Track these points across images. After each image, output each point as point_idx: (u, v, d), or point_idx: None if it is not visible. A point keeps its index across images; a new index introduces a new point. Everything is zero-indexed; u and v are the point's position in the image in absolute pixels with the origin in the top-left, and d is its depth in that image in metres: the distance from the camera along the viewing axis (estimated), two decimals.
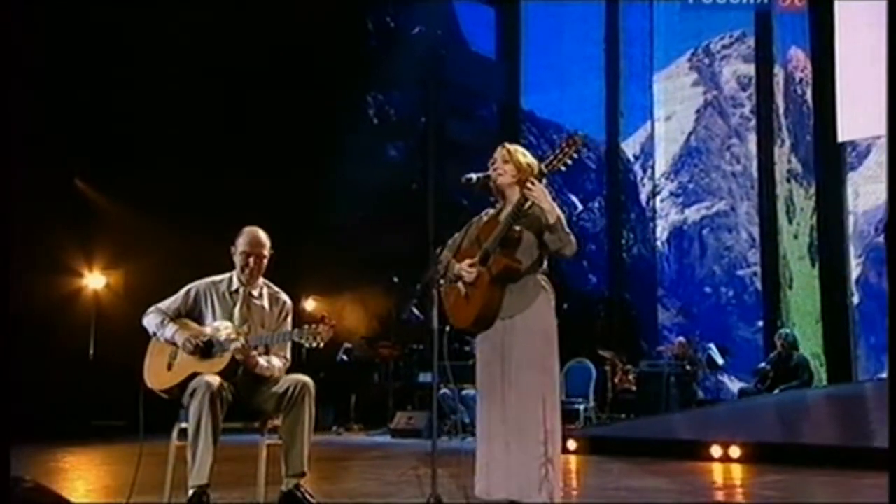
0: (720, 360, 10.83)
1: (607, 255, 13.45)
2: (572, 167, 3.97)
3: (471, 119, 14.02)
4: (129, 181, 10.55)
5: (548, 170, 3.90)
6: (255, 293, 4.36)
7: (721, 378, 11.64)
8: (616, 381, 10.97)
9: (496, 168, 4.02)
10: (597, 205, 13.55)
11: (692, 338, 11.12)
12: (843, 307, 11.18)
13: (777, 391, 9.63)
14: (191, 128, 10.79)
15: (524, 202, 3.86)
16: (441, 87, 13.53)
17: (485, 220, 4.10)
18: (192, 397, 3.96)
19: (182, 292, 4.34)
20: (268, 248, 4.36)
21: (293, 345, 4.28)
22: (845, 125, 11.09)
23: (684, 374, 10.33)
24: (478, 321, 3.95)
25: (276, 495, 4.14)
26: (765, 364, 10.16)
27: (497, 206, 4.11)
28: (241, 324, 4.23)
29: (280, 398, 4.13)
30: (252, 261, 4.29)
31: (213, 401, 3.91)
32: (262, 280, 4.40)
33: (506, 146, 4.06)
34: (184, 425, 4.02)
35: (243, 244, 4.32)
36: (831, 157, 11.44)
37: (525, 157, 4.02)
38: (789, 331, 10.39)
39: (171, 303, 4.31)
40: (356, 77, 13.03)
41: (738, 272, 12.29)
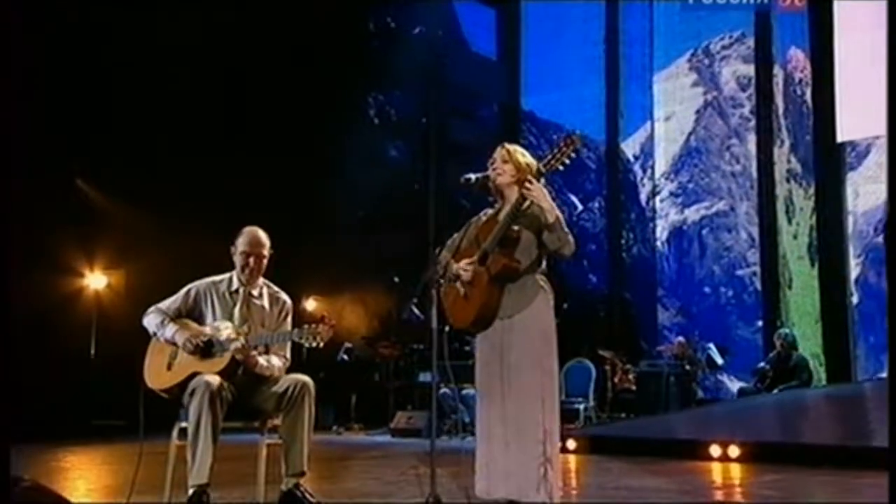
0: (719, 360, 10.84)
1: (607, 254, 13.44)
2: (572, 167, 3.98)
3: (471, 119, 14.00)
4: (130, 181, 10.55)
5: (546, 169, 3.90)
6: (255, 293, 4.37)
7: (720, 378, 11.64)
8: (616, 380, 10.99)
9: (495, 168, 4.01)
10: (597, 205, 13.54)
11: (692, 337, 11.14)
12: (843, 307, 11.18)
13: (776, 391, 9.64)
14: (191, 128, 10.79)
15: (523, 202, 3.86)
16: (442, 87, 13.52)
17: (483, 220, 4.09)
18: (191, 397, 3.96)
19: (182, 292, 4.35)
20: (268, 248, 4.37)
21: (293, 344, 4.29)
22: (844, 125, 11.10)
23: (684, 373, 10.34)
24: (477, 321, 3.95)
25: (276, 495, 4.14)
26: (764, 364, 10.18)
27: (496, 206, 4.10)
28: (241, 324, 4.23)
29: (280, 398, 4.14)
30: (252, 261, 4.30)
31: (212, 400, 3.92)
32: (261, 280, 4.41)
33: (505, 146, 4.06)
34: (184, 425, 4.03)
35: (243, 244, 4.32)
36: (831, 158, 11.44)
37: (524, 157, 4.02)
38: (788, 331, 10.41)
39: (171, 303, 4.31)
40: (357, 77, 13.02)
41: (738, 272, 12.29)
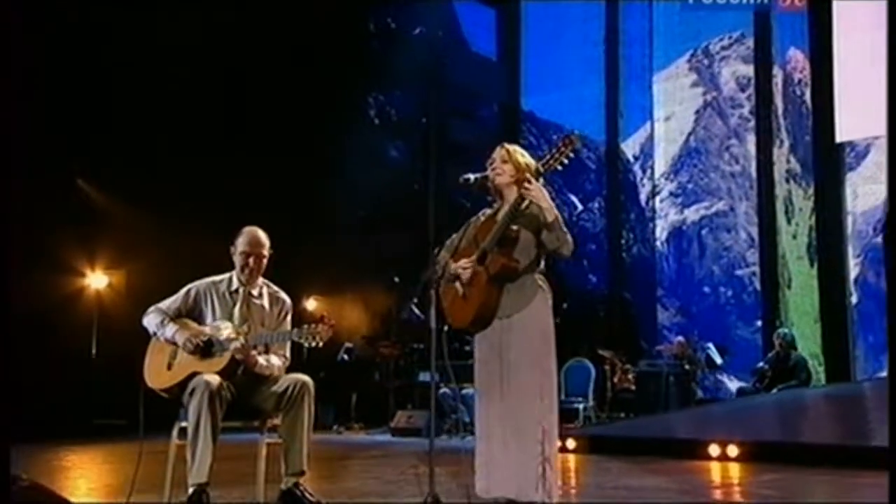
0: (719, 360, 10.84)
1: (607, 254, 13.44)
2: (572, 167, 3.99)
3: (471, 119, 14.00)
4: (130, 181, 10.57)
5: (545, 169, 3.91)
6: (255, 293, 4.38)
7: (720, 377, 11.64)
8: (615, 380, 10.99)
9: (495, 168, 4.02)
10: (596, 205, 13.54)
11: (691, 337, 11.13)
12: (842, 307, 11.18)
13: (775, 391, 9.65)
14: (191, 128, 10.80)
15: (522, 201, 3.87)
16: (442, 87, 13.53)
17: (482, 219, 4.09)
18: (191, 396, 3.97)
19: (182, 292, 4.36)
20: (267, 248, 4.38)
21: (293, 344, 4.30)
22: (843, 126, 11.10)
23: (683, 373, 10.34)
24: (476, 321, 3.95)
25: (276, 494, 4.15)
26: (763, 364, 10.18)
27: (494, 205, 4.11)
28: (241, 323, 4.24)
29: (279, 397, 4.15)
30: (252, 261, 4.31)
31: (212, 400, 3.93)
32: (261, 280, 4.42)
33: (504, 146, 4.06)
34: (184, 424, 4.04)
35: (243, 244, 4.33)
36: (830, 158, 11.43)
37: (523, 157, 4.02)
38: (787, 330, 10.42)
39: (171, 303, 4.32)
40: (357, 77, 13.02)
41: (737, 272, 12.29)
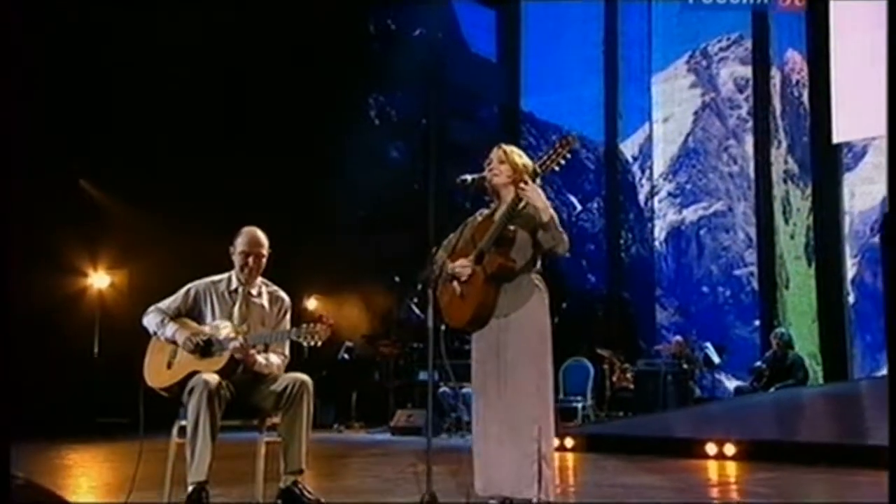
0: (717, 359, 10.85)
1: (606, 254, 13.40)
2: (572, 168, 4.03)
3: (471, 120, 13.98)
4: (130, 181, 10.61)
5: (542, 170, 3.93)
6: (254, 292, 4.40)
7: (718, 376, 11.64)
8: (614, 379, 11.01)
9: (492, 168, 4.04)
10: (595, 205, 13.51)
11: (689, 337, 11.15)
12: (839, 306, 11.16)
13: (772, 389, 9.69)
14: (191, 128, 10.84)
15: (519, 202, 3.89)
16: (442, 88, 13.54)
17: (479, 220, 4.12)
18: (190, 395, 3.99)
19: (182, 292, 4.38)
20: (266, 248, 4.40)
21: (293, 343, 4.32)
22: (841, 127, 11.09)
23: (681, 372, 10.35)
24: (473, 320, 3.98)
25: (275, 492, 4.17)
26: (760, 363, 10.22)
27: (491, 206, 4.13)
28: (241, 323, 4.27)
29: (279, 396, 4.17)
30: (251, 260, 4.33)
31: (210, 399, 3.96)
32: (260, 279, 4.44)
33: (501, 147, 4.08)
34: (183, 423, 4.06)
35: (242, 244, 4.36)
36: (827, 159, 11.41)
37: (521, 158, 4.05)
38: (785, 330, 10.46)
39: (170, 302, 4.34)
40: (358, 78, 13.04)
41: (735, 272, 12.28)
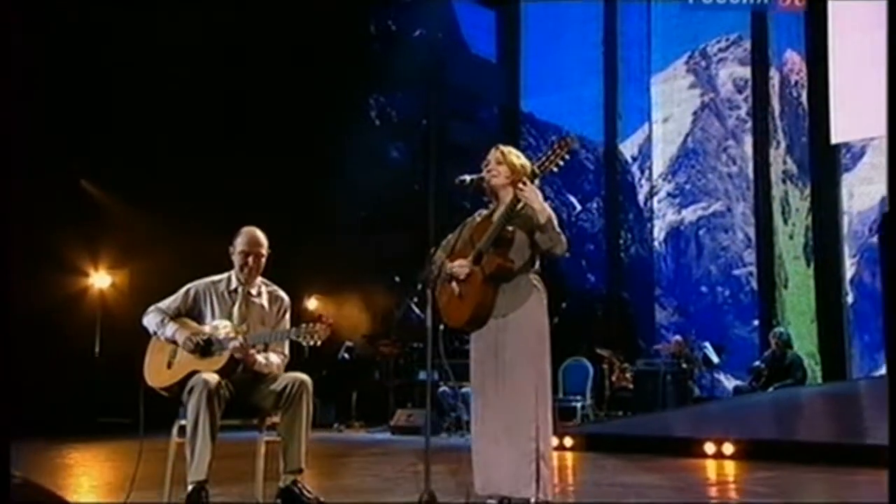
0: (716, 359, 10.86)
1: (605, 254, 13.40)
2: (571, 168, 4.04)
3: (471, 121, 13.99)
4: (130, 181, 10.63)
5: (540, 171, 3.94)
6: (254, 292, 4.42)
7: (717, 376, 11.62)
8: (613, 378, 11.01)
9: (490, 169, 4.06)
10: (595, 205, 13.49)
11: (688, 336, 11.14)
12: (838, 306, 11.16)
13: (771, 389, 9.70)
14: (191, 128, 10.86)
15: (517, 203, 3.91)
16: (442, 89, 13.56)
17: (478, 220, 4.13)
18: (190, 395, 4.01)
19: (181, 292, 4.39)
20: (265, 248, 4.41)
21: (293, 343, 4.33)
22: (839, 127, 11.10)
23: (680, 372, 10.36)
24: (471, 320, 4.00)
25: (274, 491, 4.19)
26: (759, 362, 10.24)
27: (490, 206, 4.15)
28: (240, 322, 4.29)
29: (278, 396, 4.19)
30: (251, 260, 4.35)
31: (210, 398, 3.97)
32: (260, 279, 4.46)
33: (499, 148, 4.10)
34: (183, 422, 4.07)
35: (241, 244, 4.37)
36: (826, 159, 11.41)
37: (518, 159, 4.07)
38: (783, 329, 10.46)
39: (170, 302, 4.36)
40: (358, 79, 13.06)
41: (734, 272, 12.28)
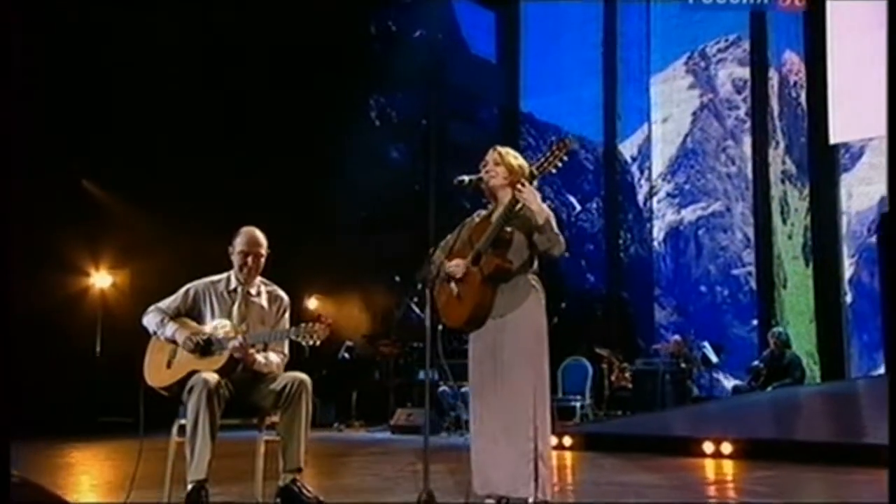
0: (714, 358, 10.87)
1: (605, 254, 13.41)
2: (571, 168, 4.05)
3: (471, 121, 14.00)
4: (130, 181, 10.65)
5: (538, 172, 3.95)
6: (254, 292, 4.43)
7: (715, 375, 11.63)
8: (613, 378, 11.02)
9: (488, 170, 4.06)
10: (595, 205, 13.50)
11: (687, 336, 11.18)
12: (837, 306, 11.18)
13: (770, 388, 9.71)
14: (191, 128, 10.88)
15: (515, 203, 3.91)
16: (442, 89, 13.57)
17: (476, 221, 4.14)
18: (190, 394, 4.02)
19: (181, 292, 4.41)
20: (265, 248, 4.42)
21: (293, 343, 4.34)
22: (838, 127, 11.12)
23: (679, 371, 10.38)
24: (470, 320, 4.00)
25: (274, 490, 4.20)
26: (758, 362, 10.25)
27: (489, 207, 4.15)
28: (240, 322, 4.30)
29: (278, 395, 4.20)
30: (250, 260, 4.36)
31: (209, 397, 3.98)
32: (259, 279, 4.47)
33: (497, 149, 4.10)
34: (183, 422, 4.09)
35: (241, 244, 4.39)
36: (825, 159, 11.44)
37: (516, 160, 4.07)
38: (782, 329, 10.48)
39: (170, 302, 4.37)
40: (358, 79, 13.07)
41: (733, 272, 12.29)
